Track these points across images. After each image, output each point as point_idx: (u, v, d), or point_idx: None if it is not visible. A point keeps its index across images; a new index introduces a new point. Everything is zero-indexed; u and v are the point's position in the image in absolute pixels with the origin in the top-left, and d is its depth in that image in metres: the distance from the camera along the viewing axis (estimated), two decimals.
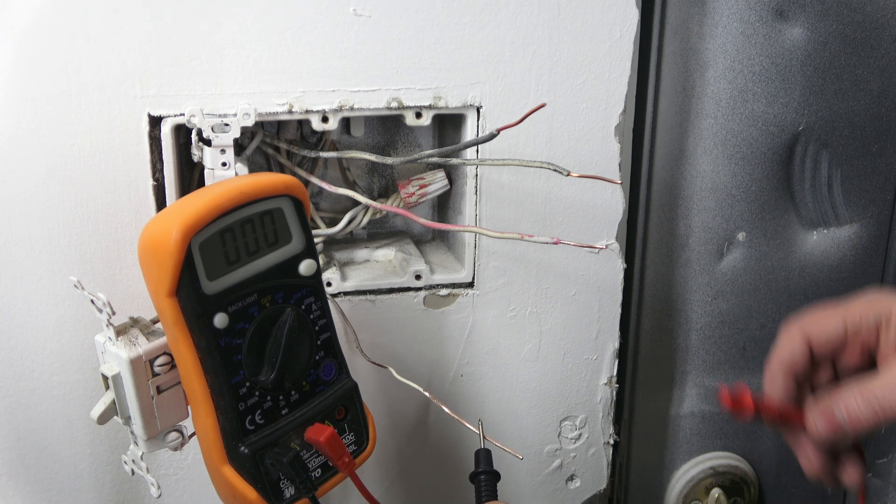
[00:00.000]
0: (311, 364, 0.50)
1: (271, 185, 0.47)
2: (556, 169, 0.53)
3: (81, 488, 0.62)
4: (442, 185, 0.64)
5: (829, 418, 0.53)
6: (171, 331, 0.45)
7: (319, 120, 0.58)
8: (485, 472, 0.53)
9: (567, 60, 0.60)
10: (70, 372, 0.58)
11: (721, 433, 0.77)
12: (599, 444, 0.72)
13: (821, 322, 0.54)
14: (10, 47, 0.51)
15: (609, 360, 0.69)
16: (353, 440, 0.52)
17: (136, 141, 0.55)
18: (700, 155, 0.67)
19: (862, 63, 0.68)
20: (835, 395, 0.53)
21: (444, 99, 0.59)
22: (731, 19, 0.64)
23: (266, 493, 0.47)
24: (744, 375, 0.75)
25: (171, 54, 0.54)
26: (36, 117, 0.53)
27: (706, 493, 0.77)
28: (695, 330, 0.73)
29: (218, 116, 0.54)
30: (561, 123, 0.62)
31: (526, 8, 0.59)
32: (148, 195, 0.56)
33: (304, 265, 0.49)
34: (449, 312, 0.65)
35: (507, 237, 0.55)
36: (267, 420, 0.48)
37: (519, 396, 0.69)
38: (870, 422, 0.52)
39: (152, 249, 0.44)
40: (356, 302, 0.63)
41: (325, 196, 0.68)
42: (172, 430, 0.50)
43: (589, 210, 0.64)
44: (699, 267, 0.71)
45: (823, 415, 0.53)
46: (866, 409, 0.52)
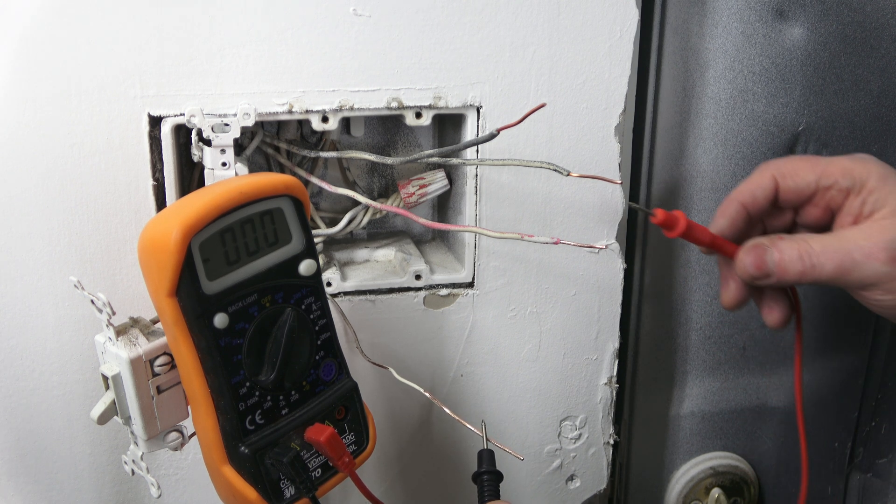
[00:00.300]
0: (311, 364, 0.50)
1: (271, 185, 0.47)
2: (556, 169, 0.53)
3: (81, 488, 0.62)
4: (442, 185, 0.64)
5: (759, 259, 0.53)
6: (171, 331, 0.45)
7: (319, 120, 0.58)
8: (488, 473, 0.54)
9: (567, 60, 0.60)
10: (70, 372, 0.58)
11: (721, 433, 0.77)
12: (599, 444, 0.72)
13: (796, 171, 0.54)
14: (10, 48, 0.51)
15: (609, 360, 0.69)
16: (354, 440, 0.52)
17: (136, 141, 0.55)
18: (700, 155, 0.68)
19: (862, 63, 0.68)
20: (774, 240, 0.53)
21: (444, 99, 0.59)
22: (731, 19, 0.64)
23: (266, 493, 0.47)
24: (744, 375, 0.75)
25: (171, 54, 0.54)
26: (36, 117, 0.53)
27: (706, 493, 0.77)
28: (695, 330, 0.73)
29: (218, 116, 0.54)
30: (561, 123, 0.62)
31: (526, 8, 0.59)
32: (148, 195, 0.56)
33: (304, 265, 0.49)
34: (449, 312, 0.65)
35: (507, 237, 0.56)
36: (267, 420, 0.48)
37: (519, 396, 0.69)
38: (796, 276, 0.53)
39: (152, 249, 0.44)
40: (356, 302, 0.63)
41: (325, 196, 0.68)
42: (172, 430, 0.50)
43: (589, 210, 0.64)
44: (699, 267, 0.71)
45: (754, 254, 0.53)
46: (797, 263, 0.52)
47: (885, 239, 0.50)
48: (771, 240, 0.54)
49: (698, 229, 0.54)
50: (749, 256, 0.54)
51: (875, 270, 0.51)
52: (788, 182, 0.54)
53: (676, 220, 0.54)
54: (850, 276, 0.51)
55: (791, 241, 0.53)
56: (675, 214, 0.54)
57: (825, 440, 0.80)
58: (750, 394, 0.76)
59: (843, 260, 0.51)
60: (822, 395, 0.78)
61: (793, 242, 0.53)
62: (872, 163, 0.53)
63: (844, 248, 0.51)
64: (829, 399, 0.78)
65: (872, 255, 0.50)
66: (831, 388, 0.78)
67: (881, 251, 0.50)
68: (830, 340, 0.76)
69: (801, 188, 0.54)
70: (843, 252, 0.51)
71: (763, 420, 0.77)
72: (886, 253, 0.50)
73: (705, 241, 0.55)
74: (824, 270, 0.52)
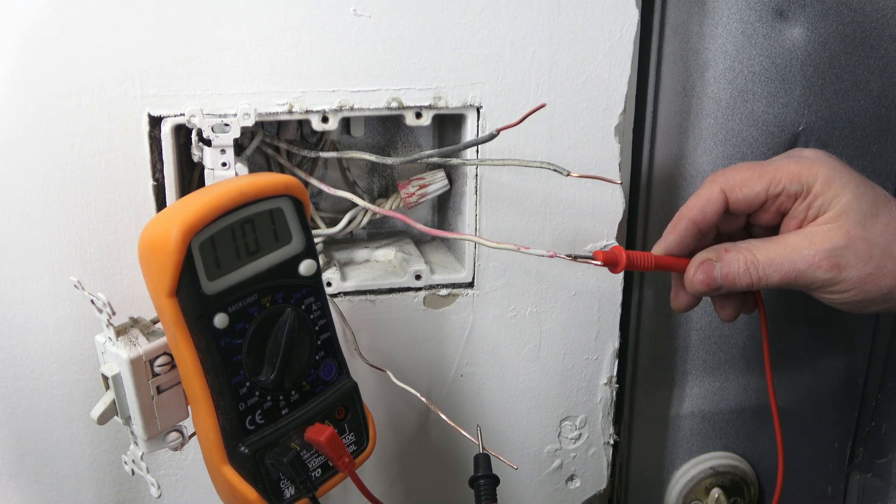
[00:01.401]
0: (311, 364, 0.50)
1: (271, 185, 0.47)
2: (556, 169, 0.53)
3: (81, 488, 0.62)
4: (442, 185, 0.64)
5: (707, 274, 0.55)
6: (171, 331, 0.45)
7: (319, 120, 0.58)
8: (484, 477, 0.54)
9: (567, 60, 0.60)
10: (70, 372, 0.58)
11: (721, 433, 0.77)
12: (599, 444, 0.72)
13: (744, 183, 0.54)
14: (10, 47, 0.51)
15: (609, 360, 0.69)
16: (354, 440, 0.52)
17: (136, 141, 0.55)
18: (700, 155, 0.68)
19: (862, 63, 0.68)
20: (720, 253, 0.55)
21: (444, 99, 0.59)
22: (731, 19, 0.64)
23: (266, 493, 0.47)
24: (744, 375, 0.75)
25: (171, 54, 0.54)
26: (36, 117, 0.53)
27: (706, 493, 0.77)
28: (695, 330, 0.73)
29: (218, 116, 0.54)
30: (561, 123, 0.62)
31: (526, 8, 0.59)
32: (148, 195, 0.56)
33: (304, 265, 0.49)
34: (449, 312, 0.65)
35: (504, 248, 0.54)
36: (267, 420, 0.48)
37: (519, 396, 0.69)
38: (745, 287, 0.54)
39: (152, 249, 0.44)
40: (356, 302, 0.63)
41: (325, 196, 0.68)
42: (172, 430, 0.50)
43: (589, 210, 0.64)
44: None
45: (703, 270, 0.55)
46: (744, 274, 0.54)
47: (826, 248, 0.52)
48: (717, 253, 0.55)
49: (641, 258, 0.55)
50: (698, 273, 0.55)
51: (819, 278, 0.52)
52: (738, 194, 0.55)
53: (617, 256, 0.54)
54: (796, 283, 0.53)
55: (737, 254, 0.54)
56: (614, 252, 0.55)
57: (825, 440, 0.80)
58: (750, 394, 0.76)
59: (788, 271, 0.53)
60: (822, 395, 0.78)
61: (739, 254, 0.54)
62: (819, 164, 0.54)
63: (789, 259, 0.53)
64: (829, 399, 0.78)
65: (815, 264, 0.52)
66: (831, 388, 0.78)
67: (824, 259, 0.52)
68: (830, 340, 0.76)
69: (750, 199, 0.54)
70: (788, 263, 0.53)
71: (763, 420, 0.77)
72: (829, 261, 0.52)
73: (650, 267, 0.56)
74: (771, 280, 0.53)
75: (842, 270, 0.52)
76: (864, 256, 0.52)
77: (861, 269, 0.52)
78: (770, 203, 0.54)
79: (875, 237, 0.52)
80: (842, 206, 0.52)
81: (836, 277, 0.52)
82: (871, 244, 0.52)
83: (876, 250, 0.52)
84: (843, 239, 0.52)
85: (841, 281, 0.52)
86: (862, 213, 0.52)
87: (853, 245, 0.52)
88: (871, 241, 0.52)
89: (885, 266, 0.52)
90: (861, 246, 0.52)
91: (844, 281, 0.52)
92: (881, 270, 0.52)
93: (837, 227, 0.52)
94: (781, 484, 0.67)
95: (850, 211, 0.52)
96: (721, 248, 0.55)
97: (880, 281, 0.52)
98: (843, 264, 0.52)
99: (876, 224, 0.52)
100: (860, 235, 0.52)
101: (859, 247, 0.52)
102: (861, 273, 0.52)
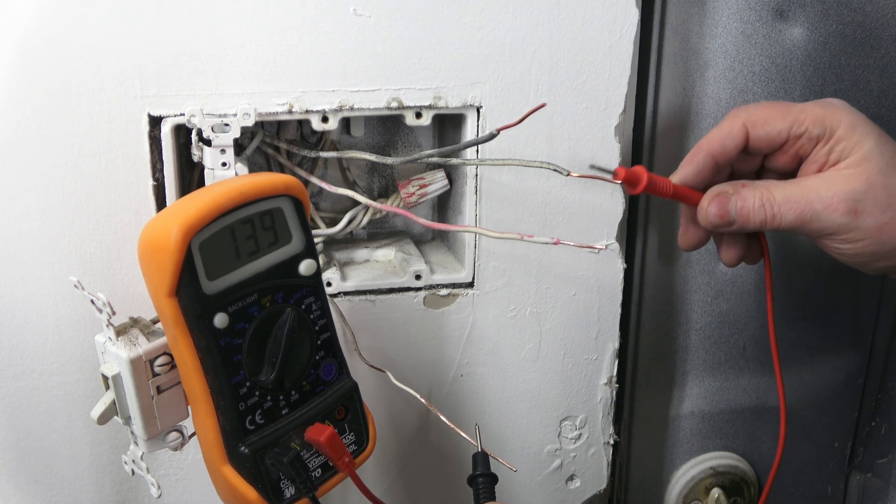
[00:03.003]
0: (311, 364, 0.50)
1: (271, 185, 0.47)
2: (556, 169, 0.53)
3: (81, 488, 0.62)
4: (442, 185, 0.64)
5: (722, 207, 0.54)
6: (171, 331, 0.45)
7: (319, 120, 0.58)
8: (482, 475, 0.54)
9: (567, 60, 0.60)
10: (70, 372, 0.58)
11: (721, 433, 0.77)
12: (599, 444, 0.72)
13: (767, 120, 0.54)
14: (10, 47, 0.51)
15: (609, 360, 0.69)
16: (354, 440, 0.52)
17: (136, 141, 0.55)
18: None
19: (862, 63, 0.68)
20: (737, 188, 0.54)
21: (444, 99, 0.59)
22: (731, 19, 0.64)
23: (266, 493, 0.47)
24: (744, 375, 0.75)
25: (171, 54, 0.54)
26: (36, 117, 0.53)
27: (706, 493, 0.77)
28: (695, 330, 0.73)
29: (218, 116, 0.54)
30: (561, 123, 0.62)
31: (526, 8, 0.59)
32: (148, 195, 0.56)
33: (304, 265, 0.49)
34: (449, 312, 0.65)
35: (507, 237, 0.56)
36: (267, 420, 0.48)
37: (519, 396, 0.69)
38: (758, 225, 0.53)
39: (152, 249, 0.44)
40: (356, 302, 0.63)
41: (325, 196, 0.68)
42: (172, 430, 0.50)
43: (589, 210, 0.64)
44: (699, 267, 0.71)
45: (718, 203, 0.54)
46: (759, 212, 0.53)
47: (846, 190, 0.51)
48: (734, 187, 0.54)
49: (661, 182, 0.54)
50: (713, 205, 0.54)
51: (834, 221, 0.51)
52: (759, 131, 0.54)
53: (638, 176, 0.54)
54: (810, 225, 0.52)
55: (753, 190, 0.53)
56: (636, 170, 0.54)
57: (825, 440, 0.80)
58: (750, 394, 0.76)
59: (804, 210, 0.51)
60: (822, 395, 0.78)
61: (755, 191, 0.53)
62: (843, 110, 0.53)
63: (806, 198, 0.51)
64: (829, 399, 0.78)
65: (832, 206, 0.51)
66: (831, 388, 0.78)
67: (841, 202, 0.51)
68: (830, 340, 0.76)
69: (772, 137, 0.53)
70: (805, 202, 0.51)
71: (763, 420, 0.77)
72: (846, 204, 0.51)
73: (668, 194, 0.55)
74: (785, 220, 0.52)
75: (858, 216, 0.51)
76: (883, 204, 0.51)
77: (878, 217, 0.51)
78: (790, 144, 0.53)
79: (895, 187, 0.51)
80: (864, 152, 0.51)
81: (851, 223, 0.51)
82: (890, 193, 0.51)
83: (894, 200, 0.51)
84: (863, 184, 0.51)
85: (856, 228, 0.51)
86: (884, 162, 0.51)
87: (872, 191, 0.51)
88: (891, 190, 0.51)
89: None
90: (880, 193, 0.51)
91: (859, 228, 0.51)
92: None
93: (859, 172, 0.51)
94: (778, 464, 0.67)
95: (873, 158, 0.51)
96: (738, 183, 0.54)
97: (895, 233, 0.51)
98: (860, 209, 0.51)
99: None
100: (881, 183, 0.51)
101: (878, 194, 0.51)
102: (877, 221, 0.51)
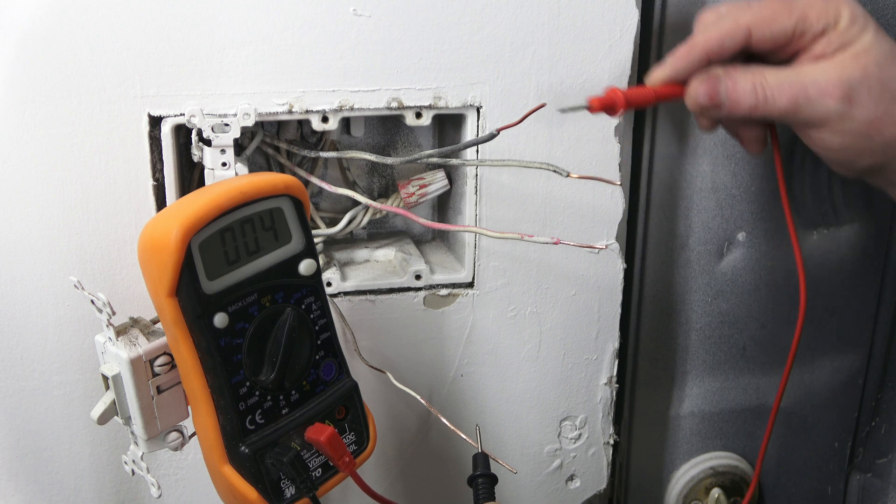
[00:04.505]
0: (311, 364, 0.50)
1: (271, 184, 0.47)
2: (556, 170, 0.53)
3: (81, 488, 0.62)
4: (442, 185, 0.64)
5: (712, 89, 0.52)
6: (171, 331, 0.45)
7: (319, 120, 0.58)
8: (482, 476, 0.54)
9: (567, 60, 0.60)
10: (70, 372, 0.58)
11: (721, 433, 0.77)
12: (599, 444, 0.72)
13: (774, 18, 0.51)
14: (10, 47, 0.51)
15: (609, 360, 0.69)
16: (354, 440, 0.52)
17: (136, 141, 0.55)
18: (700, 155, 0.67)
19: None
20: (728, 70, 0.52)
21: (444, 99, 0.59)
22: None
23: (266, 493, 0.47)
24: (744, 375, 0.75)
25: (171, 54, 0.54)
26: (36, 117, 0.53)
27: (706, 493, 0.77)
28: (695, 330, 0.73)
29: (218, 116, 0.54)
30: (561, 123, 0.62)
31: (526, 8, 0.59)
32: (148, 195, 0.56)
33: (304, 265, 0.49)
34: (449, 312, 0.65)
35: (507, 237, 0.56)
36: (267, 420, 0.48)
37: (519, 396, 0.69)
38: (748, 109, 0.51)
39: (152, 249, 0.44)
40: (356, 302, 0.63)
41: (325, 196, 0.68)
42: (172, 430, 0.50)
43: (589, 210, 0.64)
44: (699, 267, 0.71)
45: (708, 84, 0.52)
46: (750, 95, 0.51)
47: (841, 77, 0.49)
48: (725, 69, 0.52)
49: (640, 95, 0.53)
50: (703, 86, 0.52)
51: (827, 108, 0.50)
52: (765, 31, 0.51)
53: (614, 100, 0.52)
54: (801, 112, 0.50)
55: (746, 73, 0.51)
56: (610, 95, 0.52)
57: (825, 440, 0.80)
58: (750, 394, 0.76)
59: (798, 95, 0.50)
60: (822, 395, 0.78)
61: (748, 73, 0.51)
62: (845, 2, 0.51)
63: (800, 83, 0.50)
64: (829, 399, 0.78)
65: (826, 92, 0.49)
66: (831, 388, 0.78)
67: (836, 88, 0.49)
68: (830, 340, 0.76)
69: (777, 36, 0.51)
70: (799, 86, 0.50)
71: (763, 420, 0.77)
72: (841, 90, 0.49)
73: (649, 102, 0.53)
74: (777, 105, 0.51)
75: (852, 104, 0.49)
76: (877, 96, 0.49)
77: (871, 109, 0.49)
78: (793, 42, 0.52)
79: (890, 80, 0.50)
80: (863, 44, 0.50)
81: (845, 112, 0.49)
82: (884, 86, 0.50)
83: (887, 94, 0.50)
84: (859, 73, 0.49)
85: (849, 118, 0.50)
86: (882, 55, 0.50)
87: (868, 81, 0.49)
88: (886, 83, 0.50)
89: (893, 113, 0.50)
90: (875, 85, 0.49)
91: (852, 119, 0.50)
92: (889, 116, 0.50)
93: (856, 61, 0.50)
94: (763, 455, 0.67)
95: (871, 50, 0.50)
96: (730, 66, 0.52)
97: (885, 128, 0.50)
98: (854, 98, 0.49)
99: (893, 68, 0.50)
100: (877, 75, 0.49)
101: (874, 85, 0.49)
102: (870, 114, 0.50)
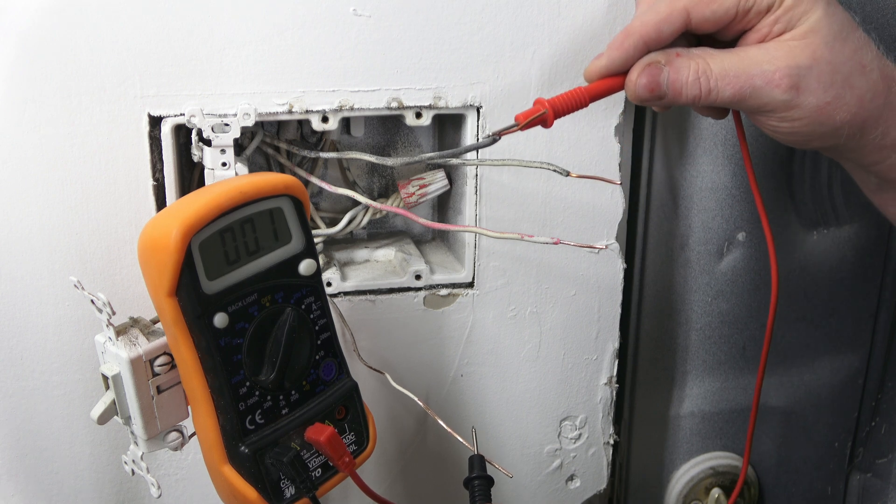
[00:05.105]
0: (311, 364, 0.50)
1: (271, 184, 0.47)
2: (556, 169, 0.53)
3: (81, 488, 0.62)
4: (442, 185, 0.64)
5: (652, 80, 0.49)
6: (171, 331, 0.45)
7: (319, 120, 0.58)
8: (478, 478, 0.54)
9: (567, 60, 0.60)
10: (70, 372, 0.58)
11: (721, 433, 0.77)
12: (599, 444, 0.72)
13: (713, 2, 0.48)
14: (10, 47, 0.51)
15: (609, 360, 0.69)
16: (354, 440, 0.52)
17: (136, 141, 0.55)
18: (700, 155, 0.67)
19: None
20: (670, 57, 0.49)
21: (444, 99, 0.59)
22: None
23: (266, 493, 0.47)
24: (744, 375, 0.75)
25: (171, 54, 0.54)
26: (36, 117, 0.53)
27: (706, 493, 0.77)
28: (695, 330, 0.73)
29: (218, 116, 0.54)
30: (561, 123, 0.62)
31: (526, 8, 0.59)
32: (148, 195, 0.56)
33: (304, 265, 0.49)
34: (449, 312, 0.65)
35: (507, 237, 0.56)
36: (267, 420, 0.48)
37: (519, 396, 0.69)
38: (692, 99, 0.49)
39: (152, 249, 0.44)
40: (356, 302, 0.63)
41: (325, 196, 0.68)
42: (172, 430, 0.50)
43: (589, 210, 0.64)
44: (699, 267, 0.71)
45: (649, 73, 0.49)
46: (694, 85, 0.49)
47: (789, 64, 0.47)
48: (667, 56, 0.49)
49: (570, 101, 0.50)
50: (643, 77, 0.49)
51: (775, 98, 0.48)
52: (705, 11, 0.48)
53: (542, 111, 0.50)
54: (748, 101, 0.48)
55: (689, 60, 0.49)
56: (537, 108, 0.50)
57: (825, 440, 0.80)
58: (750, 394, 0.76)
59: (743, 86, 0.48)
60: (822, 395, 0.78)
61: (690, 61, 0.48)
62: None
63: (746, 72, 0.48)
64: (829, 399, 0.78)
65: (774, 82, 0.47)
66: (831, 388, 0.78)
67: (784, 77, 0.47)
68: (830, 340, 0.76)
69: (718, 16, 0.48)
70: (745, 77, 0.48)
71: (763, 420, 0.77)
72: (789, 80, 0.47)
73: (584, 105, 0.51)
74: (722, 95, 0.48)
75: (801, 93, 0.47)
76: (826, 82, 0.47)
77: (820, 96, 0.47)
78: (737, 21, 0.49)
79: (840, 63, 0.47)
80: (811, 22, 0.47)
81: (793, 101, 0.47)
82: (834, 70, 0.47)
83: (838, 77, 0.47)
84: (808, 58, 0.47)
85: (797, 106, 0.47)
86: (832, 34, 0.47)
87: (817, 67, 0.47)
88: (836, 67, 0.47)
89: (843, 97, 0.47)
90: (825, 70, 0.47)
91: (800, 106, 0.47)
92: (839, 101, 0.47)
93: (804, 44, 0.47)
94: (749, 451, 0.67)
95: (820, 29, 0.47)
96: (672, 52, 0.49)
97: (835, 113, 0.48)
98: (803, 86, 0.47)
99: (844, 48, 0.47)
100: (826, 58, 0.47)
101: (823, 70, 0.47)
102: (819, 101, 0.47)
